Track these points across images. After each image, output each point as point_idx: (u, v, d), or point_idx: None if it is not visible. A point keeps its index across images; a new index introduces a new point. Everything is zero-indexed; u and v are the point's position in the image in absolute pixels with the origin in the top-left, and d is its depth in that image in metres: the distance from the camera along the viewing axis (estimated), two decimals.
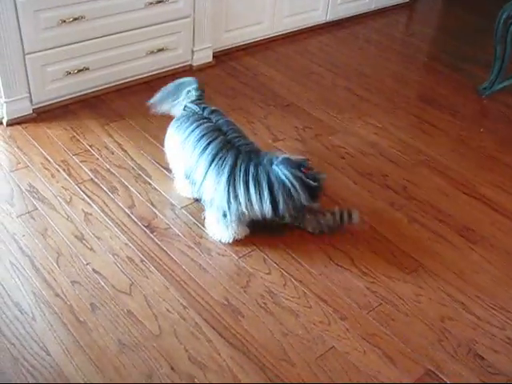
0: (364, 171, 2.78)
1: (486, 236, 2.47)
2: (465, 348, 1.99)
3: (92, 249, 2.25)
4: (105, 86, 3.19)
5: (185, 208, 2.47)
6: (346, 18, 4.32)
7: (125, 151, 2.78)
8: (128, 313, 2.02)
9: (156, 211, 2.45)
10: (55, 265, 2.17)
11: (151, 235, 2.33)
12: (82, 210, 2.42)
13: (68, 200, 2.47)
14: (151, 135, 2.88)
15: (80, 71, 3.03)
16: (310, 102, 3.29)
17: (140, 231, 2.35)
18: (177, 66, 3.45)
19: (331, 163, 2.73)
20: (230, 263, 2.24)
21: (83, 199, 2.48)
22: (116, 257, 2.23)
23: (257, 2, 3.67)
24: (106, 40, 3.06)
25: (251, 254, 2.28)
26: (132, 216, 2.42)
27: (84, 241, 2.29)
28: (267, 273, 2.21)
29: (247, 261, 2.25)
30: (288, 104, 3.25)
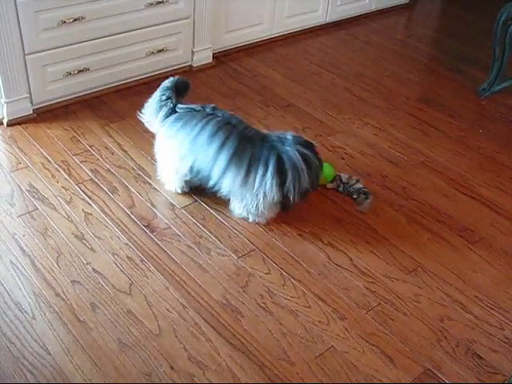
0: (363, 172, 2.78)
1: (485, 236, 2.48)
2: (463, 347, 2.00)
3: (92, 248, 2.26)
4: (105, 87, 3.20)
5: (184, 208, 2.48)
6: (346, 19, 4.33)
7: (125, 151, 2.78)
8: (128, 312, 2.03)
9: (156, 211, 2.46)
10: (55, 264, 2.18)
11: (151, 235, 2.34)
12: (82, 210, 2.43)
13: (68, 200, 2.48)
14: (151, 135, 2.87)
15: (80, 72, 3.04)
16: (310, 103, 3.30)
17: (140, 231, 2.36)
18: (177, 67, 3.46)
19: (331, 164, 2.73)
20: (230, 263, 2.24)
21: (83, 199, 2.49)
22: (116, 256, 2.23)
23: (257, 3, 3.68)
24: (107, 41, 3.07)
25: (251, 254, 2.29)
26: (132, 216, 2.42)
27: (84, 240, 2.29)
28: (266, 272, 2.22)
29: (247, 261, 2.26)
30: (288, 105, 3.26)
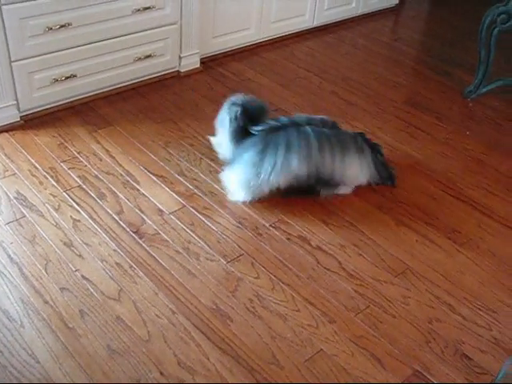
0: None
1: (473, 238, 2.49)
2: (452, 348, 2.01)
3: (81, 255, 2.26)
4: (92, 93, 3.19)
5: (173, 213, 2.48)
6: (333, 23, 4.35)
7: (113, 157, 2.78)
8: (117, 318, 2.02)
9: (144, 217, 2.45)
10: (44, 272, 2.17)
11: (140, 241, 2.34)
12: (71, 217, 2.43)
13: (56, 207, 2.47)
14: (139, 142, 2.89)
15: (67, 78, 3.03)
16: (298, 107, 3.31)
17: (128, 237, 2.35)
18: (164, 73, 3.46)
19: None
20: (219, 268, 2.25)
21: (71, 206, 2.48)
22: (105, 263, 2.23)
23: (244, 8, 3.69)
24: (94, 47, 3.06)
25: (239, 259, 2.29)
26: (120, 222, 2.42)
27: (72, 247, 2.29)
28: (255, 277, 2.22)
29: (235, 265, 2.26)
30: (276, 109, 3.26)
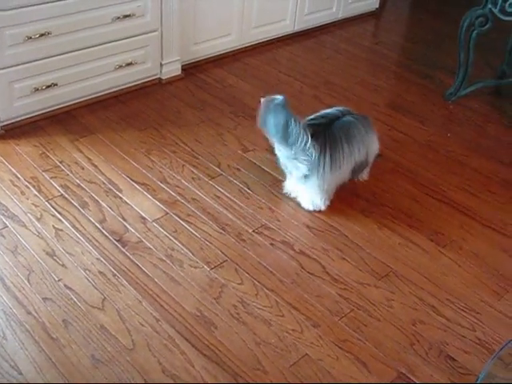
0: None
1: (455, 239, 2.51)
2: (436, 350, 2.02)
3: (63, 265, 2.24)
4: (74, 102, 3.18)
5: (156, 221, 2.47)
6: (314, 28, 4.37)
7: (95, 166, 2.77)
8: (101, 328, 2.01)
9: (127, 225, 2.45)
10: (26, 282, 2.16)
11: (123, 249, 2.33)
12: (53, 226, 2.41)
13: (38, 216, 2.46)
14: (121, 150, 2.88)
15: (48, 87, 3.02)
16: None
17: (111, 245, 2.35)
18: (146, 80, 3.45)
19: None
20: (202, 274, 2.24)
21: (54, 215, 2.47)
22: (88, 272, 2.22)
23: (224, 14, 3.70)
24: (74, 55, 3.05)
25: (223, 265, 2.29)
26: (103, 231, 2.41)
27: (55, 257, 2.27)
28: (239, 283, 2.22)
29: (219, 272, 2.26)
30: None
